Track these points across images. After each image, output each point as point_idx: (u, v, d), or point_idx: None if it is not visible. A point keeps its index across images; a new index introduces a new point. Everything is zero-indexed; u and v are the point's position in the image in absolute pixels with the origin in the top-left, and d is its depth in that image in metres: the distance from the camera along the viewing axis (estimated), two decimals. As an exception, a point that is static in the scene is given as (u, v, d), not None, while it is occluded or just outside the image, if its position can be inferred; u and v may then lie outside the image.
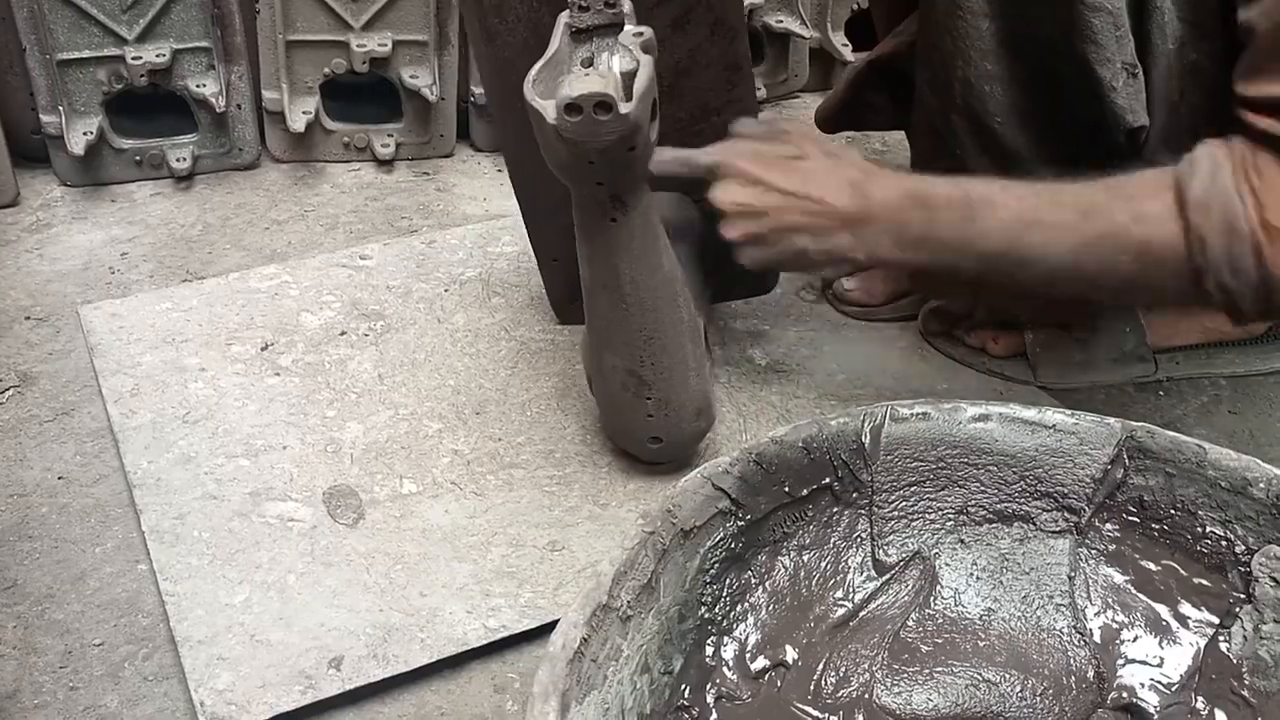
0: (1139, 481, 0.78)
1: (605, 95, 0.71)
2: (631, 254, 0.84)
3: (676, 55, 0.95)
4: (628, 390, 0.92)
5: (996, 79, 0.93)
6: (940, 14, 0.94)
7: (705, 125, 0.99)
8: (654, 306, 0.87)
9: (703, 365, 0.94)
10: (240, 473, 0.98)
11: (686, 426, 0.94)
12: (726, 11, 0.94)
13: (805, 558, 0.80)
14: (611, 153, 0.76)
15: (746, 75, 0.97)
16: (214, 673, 0.80)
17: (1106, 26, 0.85)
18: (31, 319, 1.19)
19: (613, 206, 0.82)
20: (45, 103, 1.34)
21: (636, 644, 0.70)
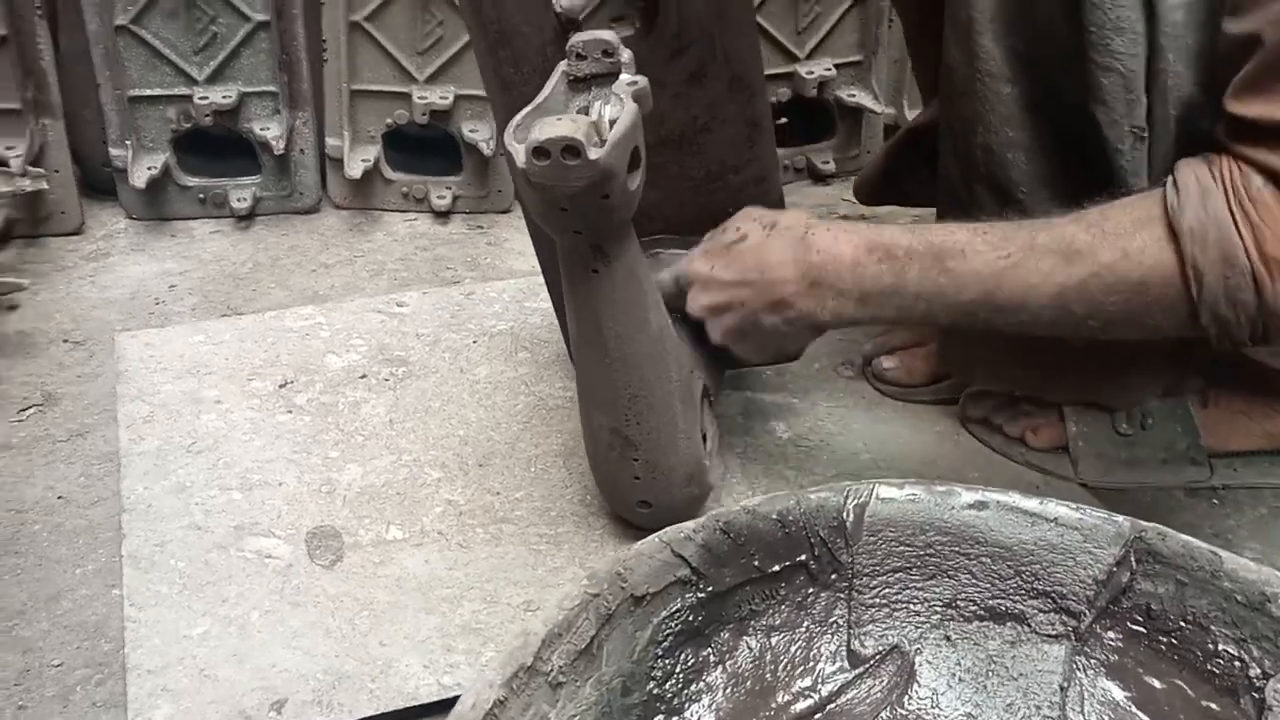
0: (1147, 588, 0.71)
1: (573, 140, 0.69)
2: (615, 307, 0.81)
3: (694, 110, 0.93)
4: (614, 450, 0.88)
5: (1020, 147, 0.88)
6: (960, 78, 0.90)
7: (722, 183, 0.96)
8: (639, 364, 0.84)
9: (694, 429, 0.89)
10: (230, 505, 0.97)
11: (677, 492, 0.90)
12: (745, 68, 0.91)
13: (773, 640, 0.74)
14: (583, 200, 0.73)
15: (766, 132, 0.94)
16: (155, 703, 0.78)
17: (1116, 87, 0.80)
18: (69, 342, 1.22)
19: (593, 257, 0.79)
20: (115, 136, 1.39)
21: (568, 714, 0.66)
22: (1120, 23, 0.78)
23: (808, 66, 1.55)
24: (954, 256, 0.81)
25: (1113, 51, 0.79)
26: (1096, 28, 0.79)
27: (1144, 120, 0.80)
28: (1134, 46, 0.78)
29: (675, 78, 0.90)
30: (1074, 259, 0.76)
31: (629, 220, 0.79)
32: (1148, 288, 0.74)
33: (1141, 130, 0.81)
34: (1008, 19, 0.85)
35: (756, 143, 0.94)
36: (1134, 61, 0.79)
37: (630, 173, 0.74)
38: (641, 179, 0.76)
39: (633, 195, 0.76)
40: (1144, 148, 0.81)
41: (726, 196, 0.94)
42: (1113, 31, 0.78)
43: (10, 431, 1.08)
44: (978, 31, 0.86)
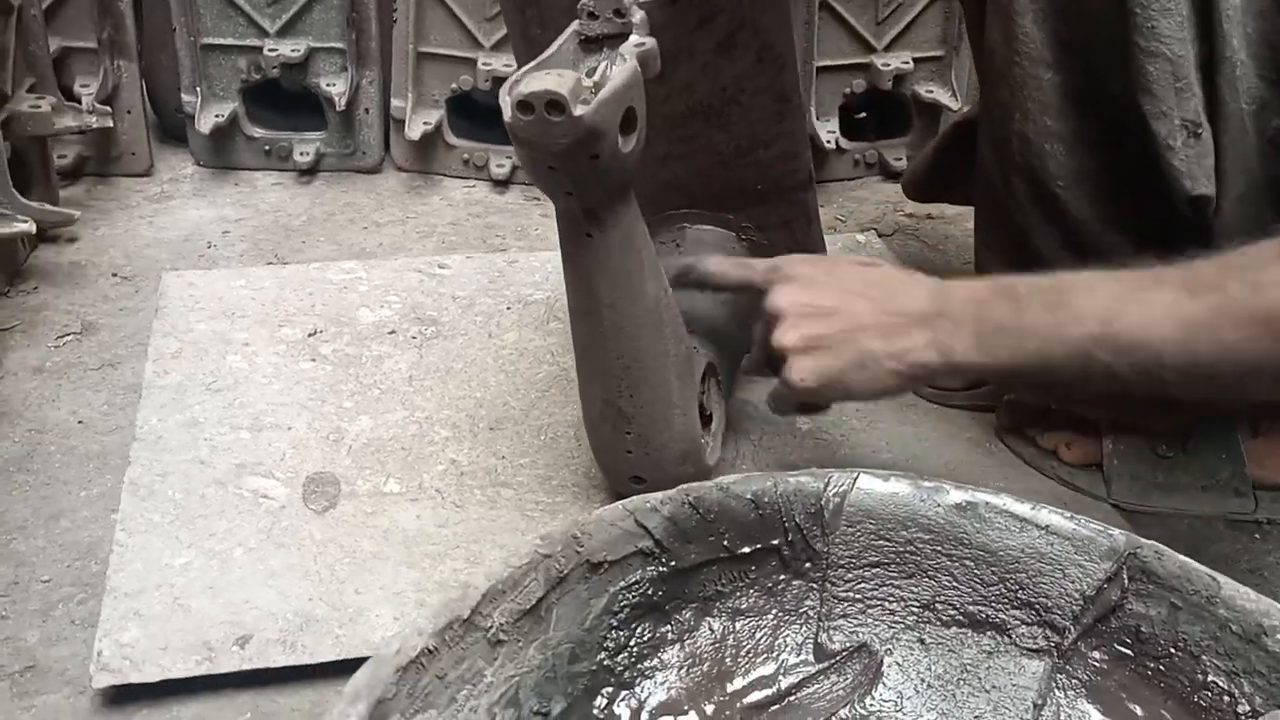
0: (1138, 609, 0.66)
1: (557, 94, 0.66)
2: (609, 274, 0.79)
3: (723, 81, 0.90)
4: (607, 422, 0.86)
5: (1059, 138, 0.83)
6: (999, 61, 0.86)
7: (751, 158, 0.93)
8: (634, 334, 0.81)
9: (691, 406, 0.87)
10: (237, 444, 0.97)
11: (670, 470, 0.87)
12: (774, 38, 0.88)
13: (738, 624, 0.72)
14: (570, 159, 0.71)
15: (796, 108, 0.91)
16: (125, 625, 0.79)
17: (1164, 75, 0.74)
18: (118, 277, 1.25)
19: (587, 221, 0.77)
20: (187, 83, 1.42)
21: (507, 673, 0.64)
22: (1167, 3, 0.72)
23: (885, 59, 1.50)
24: (1076, 291, 0.74)
25: (1159, 35, 0.73)
26: (1141, 9, 0.73)
27: (1198, 114, 0.74)
28: (1181, 30, 0.72)
29: (703, 46, 0.88)
30: (1200, 292, 0.68)
31: (626, 185, 0.76)
32: (1277, 324, 0.65)
33: (1195, 125, 0.75)
34: (1052, 0, 0.81)
35: (786, 117, 0.91)
36: (1182, 46, 0.73)
37: (626, 135, 0.72)
38: (638, 143, 0.74)
39: (626, 158, 0.73)
40: (1199, 144, 0.75)
41: (755, 172, 0.91)
42: (1159, 13, 0.73)
43: (45, 356, 1.11)
44: (1018, 12, 0.82)
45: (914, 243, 1.43)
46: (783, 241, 0.97)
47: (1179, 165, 0.76)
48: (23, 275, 1.22)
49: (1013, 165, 0.86)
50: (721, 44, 0.88)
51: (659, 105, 0.92)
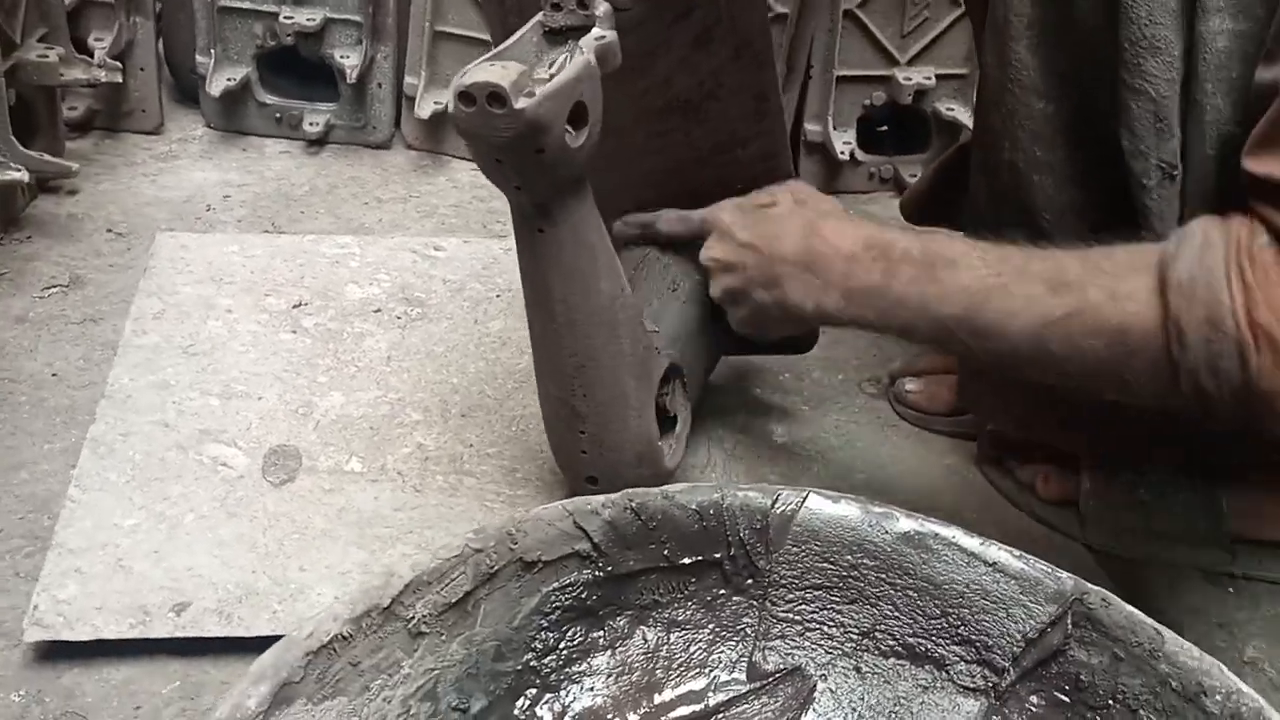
0: (1080, 656, 0.64)
1: (497, 86, 0.65)
2: (561, 270, 0.78)
3: (700, 76, 0.88)
4: (561, 421, 0.85)
5: (1048, 170, 0.81)
6: (992, 86, 0.83)
7: (730, 157, 0.91)
8: (587, 332, 0.80)
9: (647, 407, 0.85)
10: (204, 410, 0.97)
11: (626, 472, 0.86)
12: (752, 35, 0.86)
13: (673, 636, 0.70)
14: (515, 153, 0.70)
15: (775, 108, 0.89)
16: (64, 582, 0.78)
17: (1145, 114, 0.72)
18: (113, 233, 1.24)
19: (538, 216, 0.76)
20: (202, 44, 1.41)
21: (426, 666, 0.63)
22: (1156, 42, 0.70)
23: (907, 73, 1.48)
24: (946, 266, 0.76)
25: (1145, 73, 0.71)
26: (1130, 44, 0.71)
27: (1175, 156, 0.72)
28: (1169, 71, 0.70)
29: (680, 40, 0.86)
30: (1061, 291, 0.69)
31: (577, 180, 0.75)
32: (1127, 337, 0.67)
33: (1171, 167, 0.73)
34: (1047, 28, 0.78)
35: (765, 116, 0.89)
36: (1168, 87, 0.71)
37: (576, 130, 0.71)
38: (589, 139, 0.72)
39: (575, 154, 0.71)
40: (1172, 187, 0.73)
41: (735, 171, 0.89)
42: (1147, 51, 0.70)
43: (29, 306, 1.11)
44: (1013, 37, 0.79)
45: (919, 262, 1.40)
46: None
47: (1151, 205, 0.74)
48: (18, 224, 1.22)
49: (1001, 195, 0.84)
50: (698, 39, 0.86)
51: (637, 99, 0.91)
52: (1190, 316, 0.63)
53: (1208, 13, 0.68)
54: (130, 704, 0.74)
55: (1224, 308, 0.62)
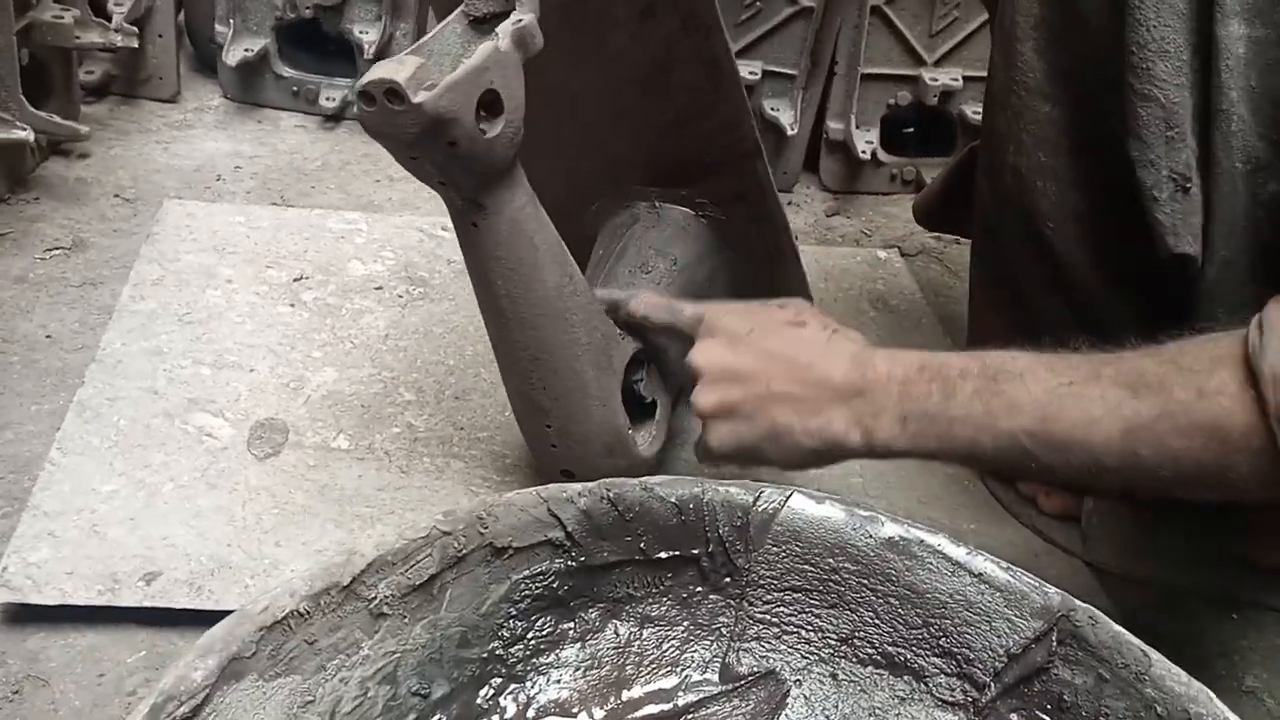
0: (1064, 675, 0.62)
1: (392, 82, 0.63)
2: (501, 264, 0.76)
3: (650, 48, 0.87)
4: (528, 417, 0.84)
5: (1052, 175, 0.77)
6: (998, 88, 0.81)
7: (692, 129, 0.89)
8: (534, 324, 0.78)
9: (611, 397, 0.83)
10: (195, 378, 0.96)
11: (597, 462, 0.84)
12: (696, 4, 0.84)
13: (645, 631, 0.68)
14: (425, 148, 0.68)
15: (729, 74, 0.86)
16: (36, 545, 0.77)
17: (1155, 121, 0.68)
18: (120, 198, 1.24)
19: (470, 210, 0.74)
20: (221, 14, 1.41)
21: (387, 648, 0.61)
22: (1165, 45, 0.66)
23: (934, 73, 1.45)
24: (1010, 379, 0.68)
25: (1154, 78, 0.67)
26: (1137, 47, 0.68)
27: (1189, 167, 0.69)
28: (1178, 75, 0.67)
29: (627, 14, 0.85)
30: (1143, 393, 0.63)
31: (505, 170, 0.73)
32: (1225, 435, 0.60)
33: (1184, 179, 0.69)
34: (1054, 29, 0.75)
35: (720, 84, 0.87)
36: (1177, 92, 0.67)
37: (491, 119, 0.69)
38: (508, 127, 0.70)
39: (491, 144, 0.69)
40: (1185, 200, 0.69)
41: (700, 144, 0.87)
42: (1156, 55, 0.67)
43: (30, 267, 1.10)
44: (1019, 38, 0.76)
45: (936, 266, 1.38)
46: (740, 215, 0.93)
47: (1163, 219, 0.71)
48: (26, 185, 1.21)
49: (1005, 200, 0.81)
50: (644, 11, 0.85)
51: (592, 77, 0.89)
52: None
53: (1227, 17, 0.64)
54: (94, 671, 0.73)
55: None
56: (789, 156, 1.49)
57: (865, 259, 1.35)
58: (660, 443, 0.88)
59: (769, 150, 1.47)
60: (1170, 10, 0.66)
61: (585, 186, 0.97)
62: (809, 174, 1.54)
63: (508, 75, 0.69)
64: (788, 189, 1.51)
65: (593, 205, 0.98)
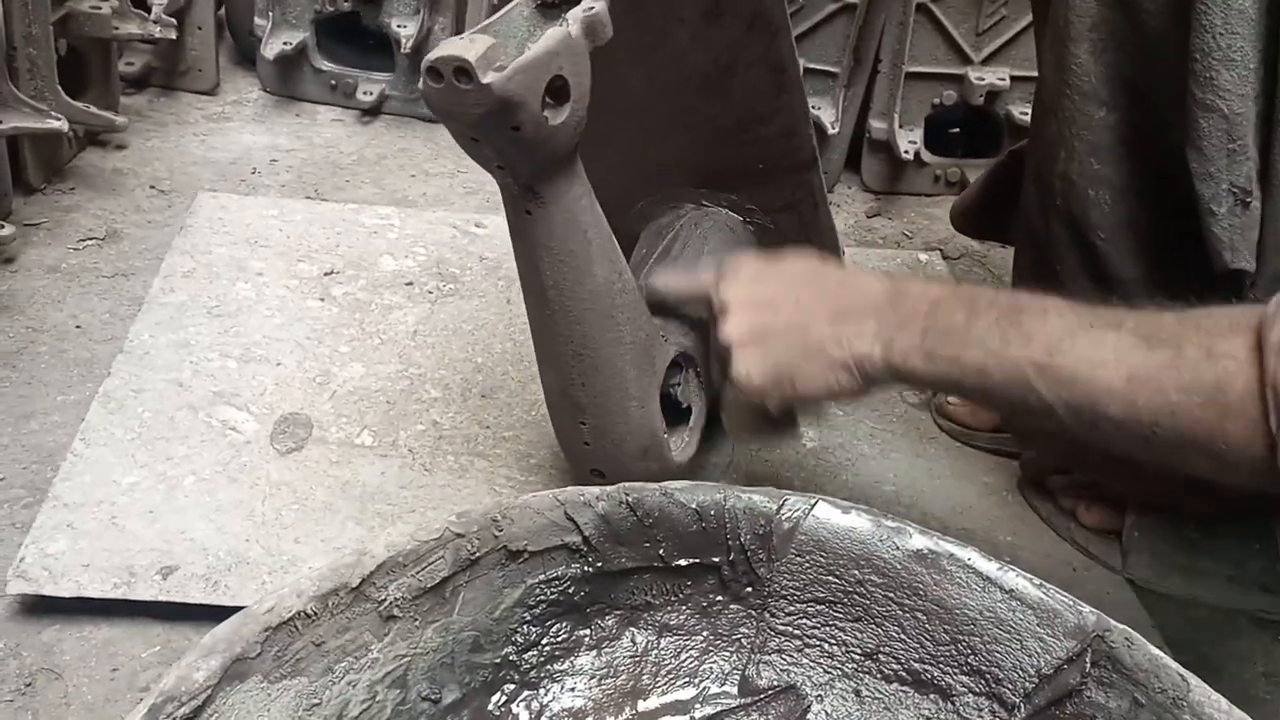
0: (1098, 698, 0.59)
1: (462, 60, 0.61)
2: (552, 254, 0.74)
3: (715, 50, 0.85)
4: (563, 411, 0.82)
5: (1106, 184, 0.74)
6: (1048, 92, 0.77)
7: (751, 134, 0.87)
8: (580, 318, 0.76)
9: (650, 399, 0.81)
10: (221, 371, 0.95)
11: (630, 465, 0.82)
12: (766, 5, 0.81)
13: (664, 641, 0.66)
14: (489, 130, 0.66)
15: (793, 80, 0.84)
16: (54, 536, 0.77)
17: (1217, 132, 0.65)
18: (155, 190, 1.24)
19: (525, 197, 0.72)
20: (261, 7, 1.40)
21: (397, 652, 0.60)
22: (1231, 53, 0.63)
23: (980, 72, 1.42)
24: (1033, 314, 0.67)
25: (1217, 87, 0.64)
26: (1201, 55, 0.64)
27: (1250, 180, 0.65)
28: (1244, 85, 0.63)
29: (691, 13, 0.83)
30: (1156, 345, 0.61)
31: (566, 159, 0.71)
32: (1224, 398, 0.58)
33: (1244, 193, 0.66)
34: (1111, 31, 0.72)
35: (783, 90, 0.85)
36: (1241, 103, 0.64)
37: (557, 106, 0.67)
38: (573, 115, 0.68)
39: (556, 131, 0.67)
40: (1246, 215, 0.66)
41: (756, 150, 0.85)
42: (1221, 63, 0.64)
43: (63, 256, 1.10)
44: (1073, 39, 0.73)
45: (978, 270, 1.35)
46: (789, 224, 0.91)
47: (1220, 234, 0.68)
48: (63, 175, 1.22)
49: (1054, 209, 0.78)
50: (710, 11, 0.83)
51: (653, 75, 0.87)
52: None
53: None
54: (108, 665, 0.72)
55: None
56: (830, 156, 1.46)
57: (906, 261, 1.32)
58: (693, 450, 0.87)
59: (809, 149, 1.45)
60: (1240, 16, 0.63)
61: (633, 184, 0.95)
62: (850, 174, 1.51)
63: (577, 63, 0.68)
64: (828, 189, 1.48)
65: (639, 203, 0.96)
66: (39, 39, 1.10)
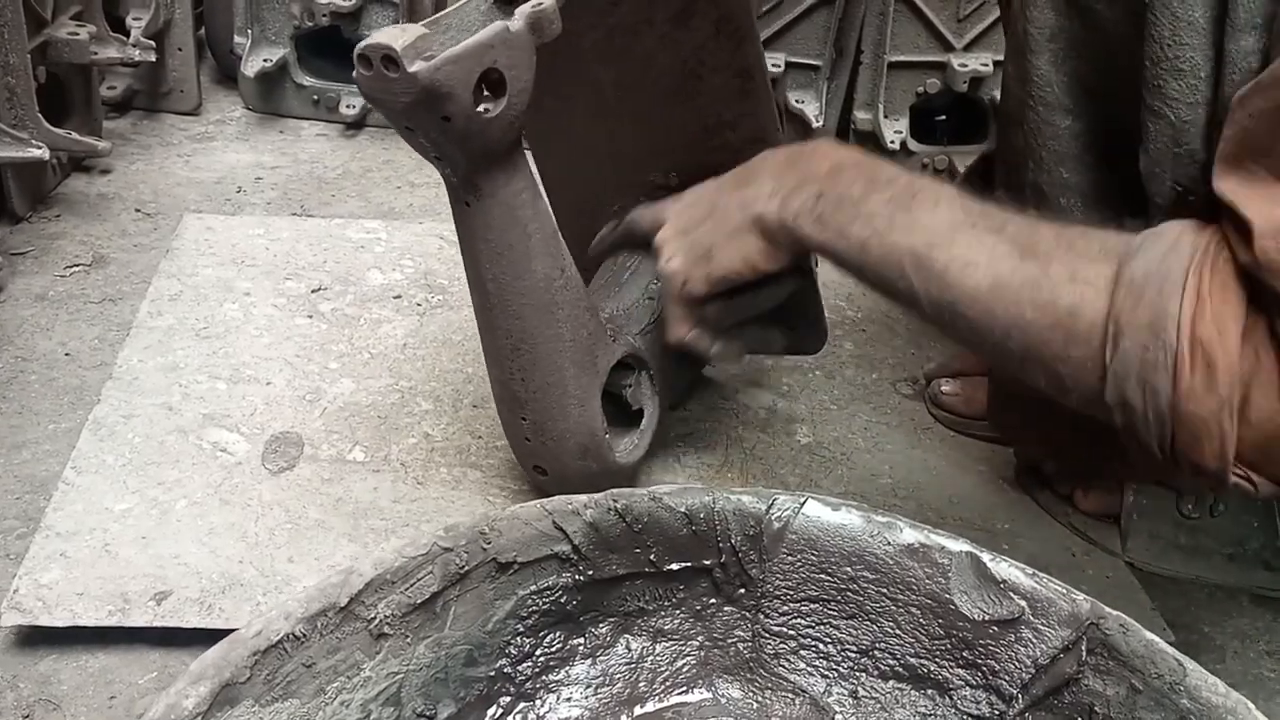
0: (1095, 686, 0.59)
1: (389, 48, 0.62)
2: (491, 247, 0.74)
3: (682, 54, 0.85)
4: (505, 405, 0.83)
5: (1076, 190, 0.75)
6: (1012, 103, 0.77)
7: (720, 140, 0.88)
8: (519, 313, 0.77)
9: (591, 397, 0.81)
10: (210, 393, 0.95)
11: (570, 462, 0.82)
12: (732, 10, 0.81)
13: (658, 646, 0.66)
14: (418, 119, 0.66)
15: (760, 85, 0.84)
16: (48, 565, 0.76)
17: (1163, 137, 0.66)
18: (141, 213, 1.24)
19: (464, 189, 0.72)
20: (240, 24, 1.40)
21: (389, 669, 0.60)
22: (1180, 64, 0.64)
23: (963, 59, 1.41)
24: (924, 202, 0.67)
25: (1165, 95, 0.65)
26: (1152, 64, 0.65)
27: (1193, 181, 0.66)
28: (1192, 94, 0.64)
29: (661, 16, 0.83)
30: (1027, 257, 0.62)
31: (504, 153, 0.71)
32: (1073, 323, 0.59)
33: (1186, 192, 0.67)
34: (1071, 40, 0.72)
35: (750, 95, 0.85)
36: (1189, 111, 0.64)
37: (492, 99, 0.67)
38: (510, 110, 0.68)
39: (489, 124, 0.67)
40: (1186, 209, 0.67)
41: (724, 156, 0.85)
42: (1169, 73, 0.64)
43: (50, 285, 1.10)
44: (1033, 51, 0.73)
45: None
46: None
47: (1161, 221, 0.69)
48: (48, 202, 1.22)
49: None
50: (679, 15, 0.83)
51: (621, 79, 0.88)
52: (1132, 318, 0.57)
53: (1239, 30, 0.61)
54: (105, 693, 0.72)
55: (1169, 316, 0.55)
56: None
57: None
58: (642, 452, 0.86)
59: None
60: (1189, 27, 0.63)
61: (607, 187, 0.95)
62: (837, 167, 1.51)
63: (515, 57, 0.68)
64: (816, 182, 1.47)
65: (614, 206, 0.96)
66: (17, 67, 1.10)
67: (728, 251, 0.77)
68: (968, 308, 0.63)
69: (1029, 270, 0.61)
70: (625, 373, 0.85)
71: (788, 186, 0.73)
